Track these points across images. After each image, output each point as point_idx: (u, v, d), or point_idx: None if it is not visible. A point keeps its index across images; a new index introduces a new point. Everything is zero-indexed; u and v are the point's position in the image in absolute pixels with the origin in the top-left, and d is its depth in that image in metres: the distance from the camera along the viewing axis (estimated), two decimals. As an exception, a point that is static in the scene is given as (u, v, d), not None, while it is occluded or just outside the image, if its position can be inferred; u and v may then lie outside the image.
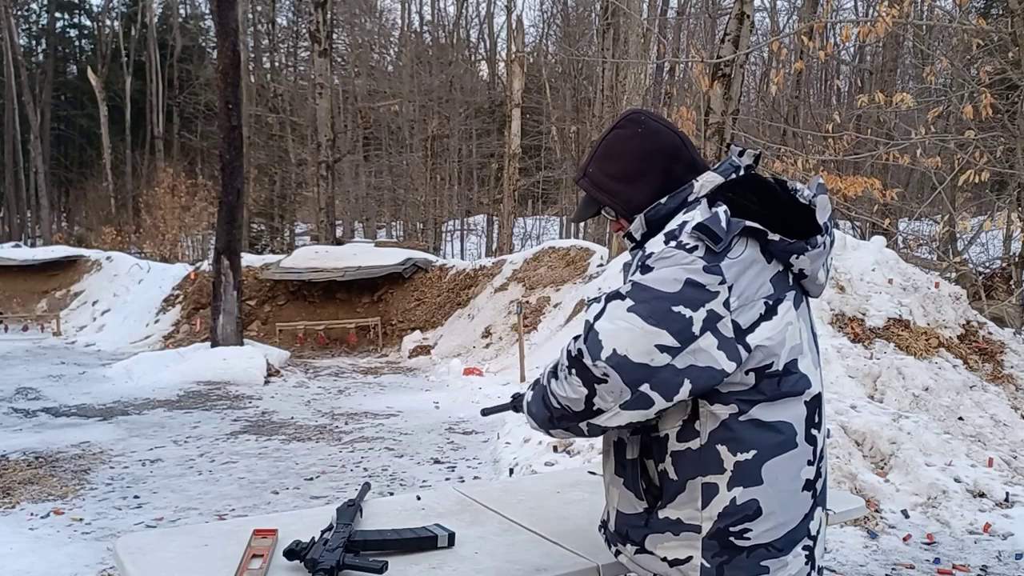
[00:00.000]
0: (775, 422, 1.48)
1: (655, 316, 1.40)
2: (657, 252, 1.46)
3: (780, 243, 1.48)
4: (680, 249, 1.44)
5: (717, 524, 1.47)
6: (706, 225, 1.44)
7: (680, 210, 1.55)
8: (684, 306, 1.40)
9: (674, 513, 1.51)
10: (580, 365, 1.43)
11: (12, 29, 32.15)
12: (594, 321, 1.44)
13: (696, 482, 1.48)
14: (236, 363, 9.97)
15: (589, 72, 23.98)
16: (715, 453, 1.47)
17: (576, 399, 1.45)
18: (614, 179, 1.63)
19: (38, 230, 32.23)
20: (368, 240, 23.18)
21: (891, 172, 13.04)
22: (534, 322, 11.27)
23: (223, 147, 10.83)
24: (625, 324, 1.41)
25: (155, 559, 1.78)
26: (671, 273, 1.42)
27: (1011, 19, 7.42)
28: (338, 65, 26.50)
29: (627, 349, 1.40)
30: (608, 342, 1.40)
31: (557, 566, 1.75)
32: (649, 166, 1.60)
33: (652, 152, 1.61)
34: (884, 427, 5.14)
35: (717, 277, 1.41)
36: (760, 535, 1.48)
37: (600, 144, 1.67)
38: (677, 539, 1.51)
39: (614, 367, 1.40)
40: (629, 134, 1.63)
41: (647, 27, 15.74)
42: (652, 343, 1.39)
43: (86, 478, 5.71)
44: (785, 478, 1.49)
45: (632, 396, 1.41)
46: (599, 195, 1.66)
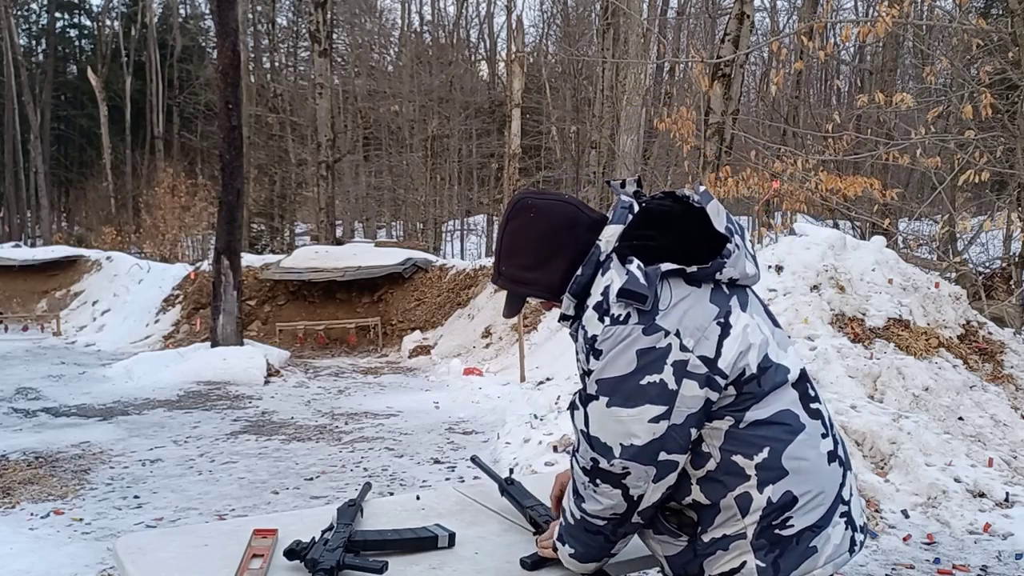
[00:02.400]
0: (773, 415, 1.53)
1: (632, 398, 1.47)
2: (599, 335, 1.50)
3: (699, 272, 1.54)
4: (616, 324, 1.49)
5: (760, 524, 1.52)
6: (628, 289, 1.49)
7: (597, 272, 1.58)
8: (649, 374, 1.47)
9: (718, 532, 1.55)
10: (601, 472, 1.52)
11: (12, 29, 32.16)
12: (588, 429, 1.53)
13: (728, 499, 1.53)
14: (236, 363, 9.97)
15: (589, 72, 23.97)
16: (733, 465, 1.52)
17: (615, 503, 1.53)
18: (526, 270, 1.66)
19: (38, 230, 32.24)
20: (368, 240, 23.18)
21: (891, 172, 13.04)
22: (534, 322, 11.27)
23: (223, 147, 10.83)
24: (614, 419, 1.49)
25: (155, 559, 1.78)
26: (619, 353, 1.48)
27: (1011, 19, 7.42)
28: (338, 65, 26.50)
29: (631, 438, 1.48)
30: (612, 440, 1.50)
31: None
32: (553, 246, 1.64)
33: (549, 232, 1.64)
34: (884, 427, 5.14)
35: (659, 333, 1.48)
36: (802, 519, 1.53)
37: (502, 240, 1.69)
38: (728, 552, 1.55)
39: (630, 459, 1.49)
40: (523, 223, 1.66)
41: (647, 27, 15.74)
42: (646, 420, 1.47)
43: (86, 478, 5.71)
44: (808, 460, 1.54)
45: (657, 468, 1.50)
46: (520, 289, 1.70)
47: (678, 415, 1.48)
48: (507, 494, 2.07)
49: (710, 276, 1.55)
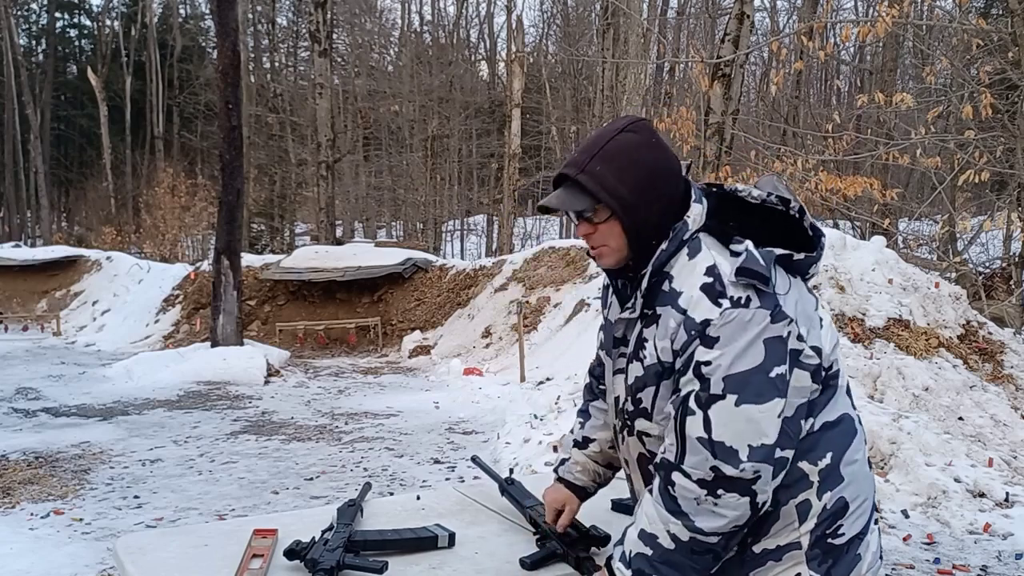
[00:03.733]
0: (837, 417, 1.48)
1: (763, 393, 1.35)
2: (716, 319, 1.37)
3: (805, 260, 1.46)
4: (737, 307, 1.36)
5: (815, 533, 1.45)
6: (749, 268, 1.38)
7: (679, 250, 1.46)
8: (777, 366, 1.36)
9: (771, 543, 1.46)
10: (725, 480, 1.36)
11: (12, 29, 32.17)
12: (708, 435, 1.36)
13: (790, 506, 1.45)
14: (236, 363, 9.97)
15: (589, 72, 23.98)
16: (798, 471, 1.44)
17: (740, 514, 1.38)
18: (627, 187, 1.45)
19: (38, 230, 32.24)
20: (368, 240, 23.18)
21: (891, 172, 13.04)
22: (534, 322, 11.27)
23: (223, 147, 10.83)
24: (744, 419, 1.35)
25: (155, 559, 1.78)
26: (748, 344, 1.35)
27: (1011, 19, 7.42)
28: (338, 65, 26.50)
29: (762, 437, 1.36)
30: (740, 443, 1.35)
31: (558, 566, 1.75)
32: (661, 185, 1.47)
33: (665, 171, 1.48)
34: (884, 427, 5.14)
35: (785, 320, 1.38)
36: (851, 527, 1.47)
37: (606, 143, 1.47)
38: (781, 563, 1.46)
39: (761, 460, 1.36)
40: (644, 142, 1.48)
41: (647, 27, 15.74)
42: (775, 415, 1.37)
43: (86, 478, 5.71)
44: (858, 466, 1.50)
45: (775, 467, 1.39)
46: (607, 198, 1.45)
47: (790, 407, 1.38)
48: (507, 494, 2.06)
49: (805, 270, 1.48)
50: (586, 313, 10.13)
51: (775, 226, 1.50)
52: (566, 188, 1.50)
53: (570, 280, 11.78)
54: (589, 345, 9.70)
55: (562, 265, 12.24)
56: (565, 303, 11.18)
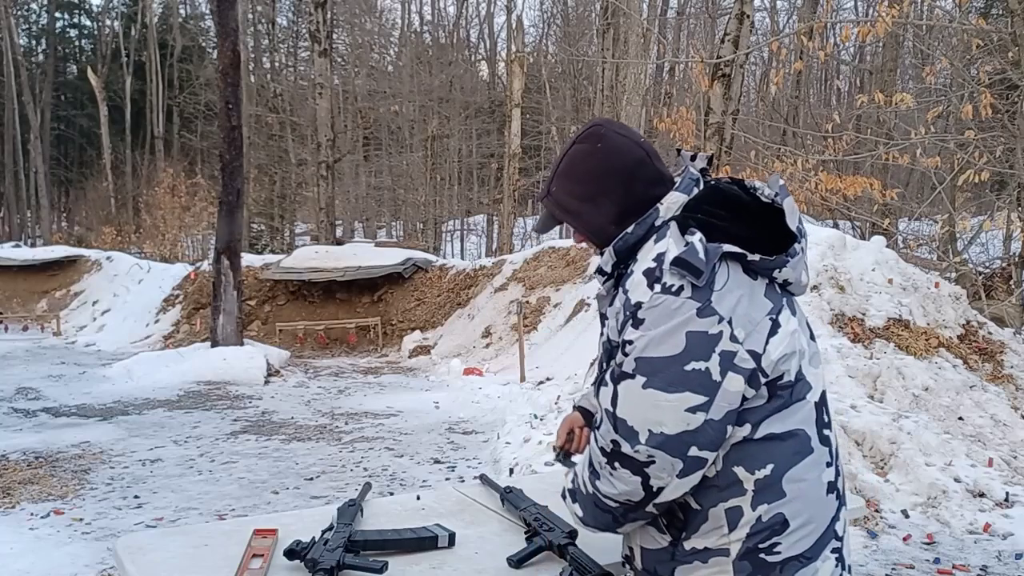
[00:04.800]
0: (787, 432, 1.45)
1: (672, 384, 1.35)
2: (645, 302, 1.39)
3: (761, 262, 1.44)
4: (666, 294, 1.38)
5: (746, 544, 1.43)
6: (685, 260, 1.38)
7: (649, 237, 1.49)
8: (695, 361, 1.35)
9: (700, 542, 1.46)
10: (621, 456, 1.39)
11: (12, 29, 32.17)
12: (614, 408, 1.40)
13: (718, 509, 1.44)
14: (236, 363, 9.98)
15: (589, 72, 23.99)
16: (732, 475, 1.43)
17: (632, 490, 1.41)
18: (575, 198, 1.56)
19: (38, 230, 32.25)
20: (368, 240, 23.16)
21: (891, 172, 13.03)
22: (534, 322, 11.27)
23: (223, 147, 10.83)
24: (649, 403, 1.37)
25: (155, 559, 1.78)
26: (667, 333, 1.36)
27: (1011, 19, 7.42)
28: (338, 65, 26.51)
29: (662, 426, 1.36)
30: (641, 425, 1.37)
31: (558, 567, 1.75)
32: (608, 186, 1.54)
33: (611, 170, 1.53)
34: (884, 427, 5.14)
35: (714, 317, 1.37)
36: (790, 547, 1.44)
37: (562, 159, 1.59)
38: (707, 566, 1.46)
39: (657, 447, 1.37)
40: (589, 150, 1.55)
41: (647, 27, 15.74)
42: (682, 409, 1.36)
43: (86, 478, 5.71)
44: (808, 485, 1.45)
45: (684, 464, 1.38)
46: (562, 215, 1.61)
47: (717, 410, 1.36)
48: (506, 501, 2.09)
49: (768, 271, 1.46)
50: (586, 313, 10.13)
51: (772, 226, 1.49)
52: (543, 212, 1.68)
53: (570, 280, 11.79)
54: (589, 345, 9.69)
55: (562, 265, 12.24)
56: (565, 303, 11.18)
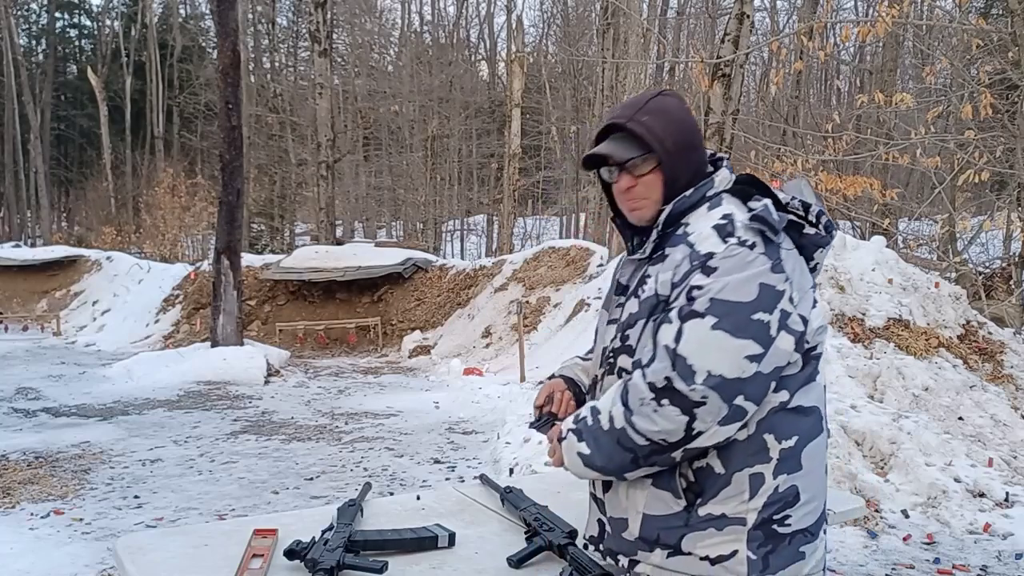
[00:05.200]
0: (810, 407, 1.50)
1: (739, 328, 1.38)
2: (719, 252, 1.42)
3: (815, 236, 1.52)
4: (742, 247, 1.42)
5: (762, 514, 1.46)
6: (763, 216, 1.44)
7: (700, 204, 1.54)
8: (762, 311, 1.39)
9: (718, 508, 1.46)
10: (673, 393, 1.39)
11: (12, 29, 32.17)
12: (675, 345, 1.40)
13: (743, 474, 1.45)
14: (236, 363, 9.98)
15: (589, 72, 23.97)
16: (762, 442, 1.45)
17: (674, 429, 1.40)
18: (671, 137, 1.54)
19: (38, 230, 32.24)
20: (368, 240, 23.16)
21: (891, 172, 13.03)
22: (534, 322, 11.27)
23: (223, 147, 10.83)
24: (714, 344, 1.38)
25: (155, 559, 1.78)
26: (744, 280, 1.40)
27: (1011, 19, 7.42)
28: (338, 65, 26.50)
29: (721, 367, 1.38)
30: (701, 365, 1.38)
31: (558, 566, 1.75)
32: (696, 142, 1.57)
33: (697, 131, 1.59)
34: (884, 427, 5.14)
35: (783, 275, 1.42)
36: (799, 520, 1.48)
37: (649, 100, 1.57)
38: (721, 534, 1.46)
39: (713, 388, 1.38)
40: (682, 105, 1.58)
41: (647, 27, 15.74)
42: (741, 355, 1.39)
43: (86, 478, 5.71)
44: (816, 463, 1.51)
45: (729, 411, 1.39)
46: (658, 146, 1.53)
47: (767, 364, 1.40)
48: (506, 501, 2.09)
49: (812, 250, 1.54)
50: (586, 313, 10.13)
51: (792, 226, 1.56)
52: (615, 138, 1.58)
53: (570, 280, 11.79)
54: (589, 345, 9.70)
55: (562, 265, 12.25)
56: (565, 303, 11.19)
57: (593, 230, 20.23)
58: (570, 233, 25.33)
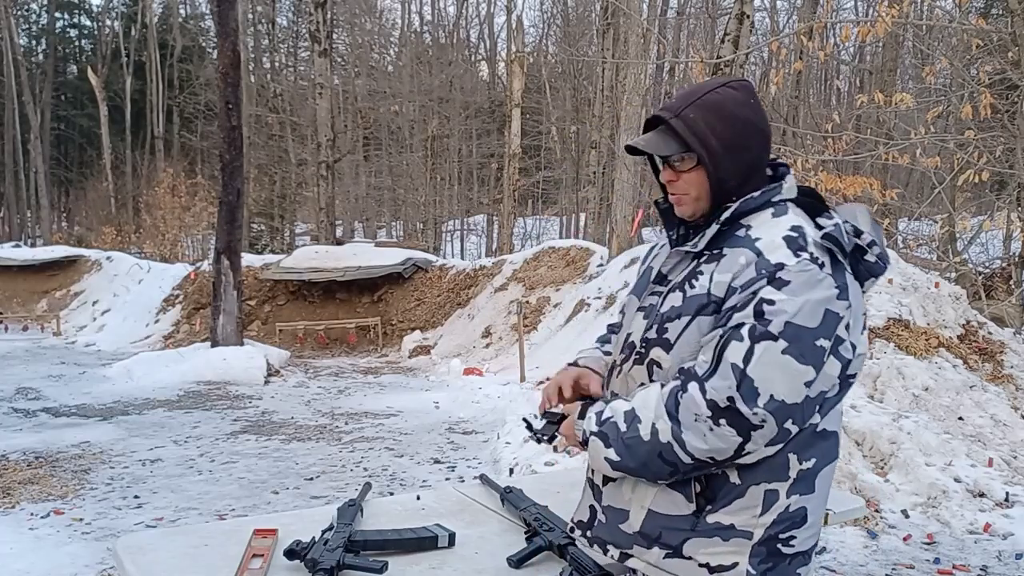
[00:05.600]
0: (832, 431, 1.48)
1: (804, 354, 1.36)
2: (791, 265, 1.38)
3: (874, 264, 1.47)
4: (814, 264, 1.38)
5: (769, 531, 1.44)
6: (835, 236, 1.41)
7: (765, 208, 1.48)
8: (824, 338, 1.37)
9: (727, 519, 1.44)
10: (734, 414, 1.36)
11: (12, 29, 32.17)
12: (744, 365, 1.36)
13: (759, 488, 1.43)
14: (236, 363, 9.98)
15: (589, 72, 23.98)
16: (785, 460, 1.43)
17: (725, 448, 1.38)
18: (717, 137, 1.47)
19: (38, 230, 32.24)
20: (368, 240, 23.17)
21: (891, 172, 13.03)
22: (534, 322, 11.27)
23: (223, 147, 10.83)
24: (781, 367, 1.35)
25: (155, 559, 1.78)
26: (816, 301, 1.36)
27: (1011, 19, 7.42)
28: (338, 65, 26.51)
29: (783, 392, 1.36)
30: (765, 388, 1.35)
31: (558, 566, 1.75)
32: (751, 143, 1.49)
33: (758, 131, 1.50)
34: (884, 427, 5.14)
35: (846, 302, 1.39)
36: (802, 542, 1.46)
37: (705, 94, 1.49)
38: (725, 544, 1.44)
39: (772, 412, 1.36)
40: (742, 99, 1.49)
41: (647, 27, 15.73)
42: (801, 381, 1.36)
43: (86, 478, 5.71)
44: (826, 486, 1.50)
45: (779, 433, 1.38)
46: (695, 143, 1.47)
47: (816, 388, 1.38)
48: (507, 501, 2.09)
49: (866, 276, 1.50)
50: (586, 313, 10.14)
51: None
52: (658, 132, 1.52)
53: (570, 280, 11.79)
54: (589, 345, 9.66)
55: (562, 265, 12.24)
56: (565, 303, 11.18)
57: (593, 230, 20.23)
58: (570, 233, 25.33)
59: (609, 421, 1.48)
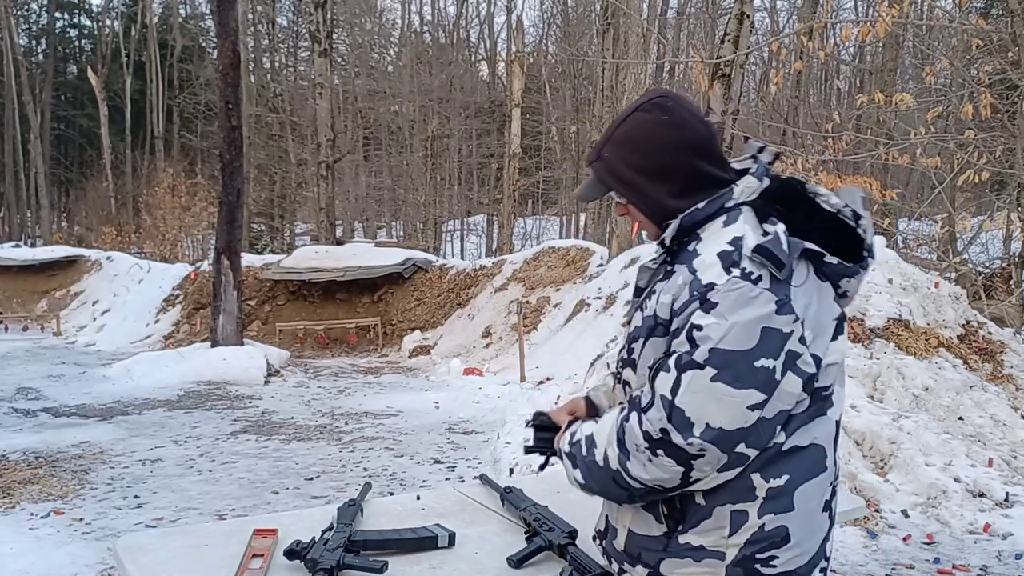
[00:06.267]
0: (809, 444, 1.41)
1: (740, 378, 1.30)
2: (720, 284, 1.32)
3: (838, 267, 1.41)
4: (745, 280, 1.32)
5: (743, 551, 1.39)
6: (768, 249, 1.34)
7: (717, 216, 1.42)
8: (765, 358, 1.31)
9: (696, 539, 1.42)
10: (670, 446, 1.33)
11: (12, 29, 32.16)
12: (672, 397, 1.32)
13: (724, 509, 1.39)
14: (236, 363, 9.98)
15: (589, 72, 23.98)
16: (748, 480, 1.39)
17: (668, 478, 1.36)
18: (633, 170, 1.45)
19: (38, 230, 32.24)
20: (368, 240, 23.17)
21: (891, 172, 13.03)
22: (534, 322, 11.27)
23: (223, 147, 10.83)
24: (713, 396, 1.31)
25: (155, 559, 1.78)
26: (746, 322, 1.30)
27: (1011, 19, 7.42)
28: (338, 65, 26.51)
29: (720, 421, 1.31)
30: (699, 417, 1.31)
31: (558, 566, 1.75)
32: (673, 162, 1.44)
33: (677, 145, 1.44)
34: (884, 427, 5.14)
35: (791, 316, 1.32)
36: (786, 563, 1.40)
37: (619, 125, 1.48)
38: (698, 565, 1.42)
39: (711, 441, 1.32)
40: (654, 120, 1.45)
41: (647, 27, 15.73)
42: (744, 406, 1.31)
43: (86, 478, 5.71)
44: (814, 502, 1.43)
45: (729, 459, 1.34)
46: (615, 184, 1.48)
47: (771, 409, 1.32)
48: (506, 501, 2.09)
49: (838, 277, 1.43)
50: (586, 313, 10.13)
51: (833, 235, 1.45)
52: (590, 177, 1.55)
53: (570, 280, 11.79)
54: (589, 345, 9.64)
55: (562, 265, 12.25)
56: (565, 303, 11.18)
57: (593, 230, 20.25)
58: (570, 233, 25.33)
59: (577, 443, 1.51)
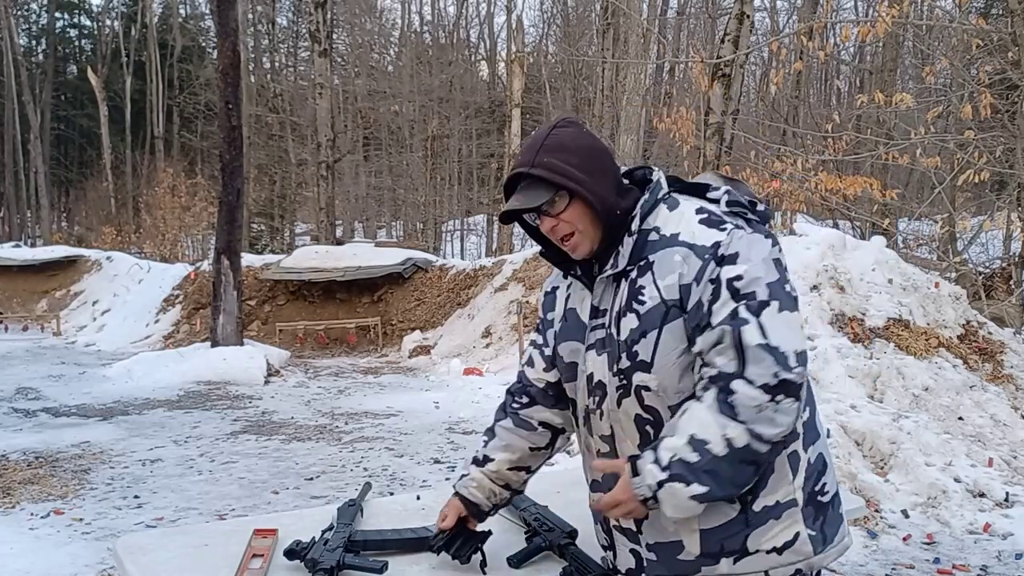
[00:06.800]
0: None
1: (790, 304, 1.43)
2: (724, 239, 1.44)
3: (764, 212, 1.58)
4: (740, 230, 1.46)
5: (806, 490, 1.49)
6: (736, 201, 1.51)
7: (656, 207, 1.54)
8: (788, 284, 1.45)
9: (771, 499, 1.47)
10: (785, 385, 1.37)
11: (12, 29, 32.17)
12: (766, 339, 1.38)
13: (782, 457, 1.46)
14: (236, 363, 9.97)
15: (589, 72, 23.99)
16: None
17: (792, 419, 1.40)
18: (576, 168, 1.52)
19: (38, 230, 32.24)
20: (368, 240, 23.15)
21: (891, 172, 13.03)
22: (534, 322, 11.26)
23: (223, 147, 10.83)
24: (785, 323, 1.41)
25: (155, 559, 1.78)
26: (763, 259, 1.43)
27: (1011, 19, 7.42)
28: (338, 65, 26.51)
29: (797, 343, 1.41)
30: (789, 347, 1.39)
31: (558, 566, 1.75)
32: (603, 164, 1.56)
33: (604, 151, 1.59)
34: (884, 427, 5.14)
35: (779, 247, 1.49)
36: (831, 484, 1.55)
37: (545, 139, 1.55)
38: (780, 522, 1.47)
39: (803, 365, 1.41)
40: (576, 132, 1.57)
41: (647, 27, 15.73)
42: (799, 326, 1.45)
43: (86, 478, 5.71)
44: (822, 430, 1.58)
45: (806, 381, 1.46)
46: (565, 182, 1.51)
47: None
48: None
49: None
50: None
51: None
52: (523, 187, 1.56)
53: (570, 280, 11.76)
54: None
55: (562, 265, 12.23)
56: (565, 303, 11.16)
57: (593, 230, 20.19)
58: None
59: (675, 461, 1.40)
